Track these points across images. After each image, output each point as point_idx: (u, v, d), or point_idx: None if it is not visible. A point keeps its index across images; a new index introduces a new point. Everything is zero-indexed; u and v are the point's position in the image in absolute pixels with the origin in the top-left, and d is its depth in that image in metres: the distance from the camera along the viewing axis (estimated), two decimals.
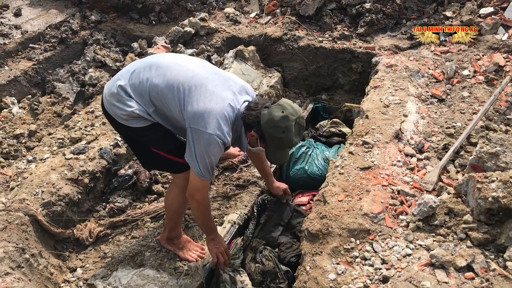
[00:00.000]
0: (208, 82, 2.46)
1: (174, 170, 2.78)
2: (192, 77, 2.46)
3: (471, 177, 2.42)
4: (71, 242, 3.12)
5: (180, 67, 2.51)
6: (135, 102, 2.48)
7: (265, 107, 2.49)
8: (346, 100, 4.72)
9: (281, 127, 2.41)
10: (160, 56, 2.71)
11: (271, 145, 2.53)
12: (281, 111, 2.43)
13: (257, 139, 2.54)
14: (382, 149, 3.08)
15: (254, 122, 2.48)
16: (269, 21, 5.24)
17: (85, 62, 5.12)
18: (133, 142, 2.73)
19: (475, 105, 3.46)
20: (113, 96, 2.52)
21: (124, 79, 2.52)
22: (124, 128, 2.59)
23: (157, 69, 2.50)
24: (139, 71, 2.53)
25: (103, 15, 5.90)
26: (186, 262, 2.92)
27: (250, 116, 2.49)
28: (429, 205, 2.45)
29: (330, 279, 2.32)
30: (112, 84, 2.56)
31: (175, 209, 2.88)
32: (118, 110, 2.51)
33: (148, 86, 2.47)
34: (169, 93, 2.43)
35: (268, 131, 2.45)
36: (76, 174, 3.24)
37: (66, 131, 3.73)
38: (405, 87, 3.78)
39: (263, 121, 2.44)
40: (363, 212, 2.58)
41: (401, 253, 2.34)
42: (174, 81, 2.44)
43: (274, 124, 2.42)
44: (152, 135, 2.58)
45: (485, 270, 2.17)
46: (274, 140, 2.48)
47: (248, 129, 2.53)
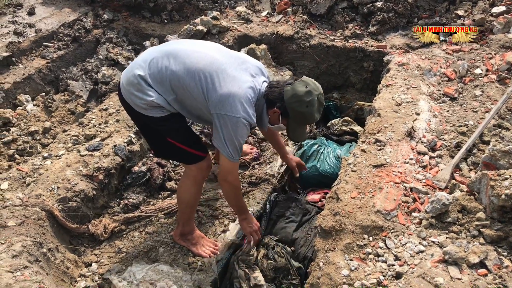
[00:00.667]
0: (227, 67, 2.53)
1: (187, 161, 2.82)
2: (211, 63, 2.52)
3: (484, 174, 2.44)
4: (86, 238, 3.16)
5: (198, 54, 2.55)
6: (154, 91, 2.53)
7: (287, 83, 2.58)
8: (358, 98, 4.73)
9: (305, 101, 2.50)
10: (177, 43, 2.73)
11: (292, 121, 2.61)
12: (305, 86, 2.54)
13: (279, 116, 2.62)
14: (394, 147, 3.09)
15: (277, 98, 2.56)
16: (280, 19, 5.26)
17: (98, 60, 5.17)
18: (150, 130, 2.76)
19: (487, 103, 3.46)
20: (132, 85, 2.55)
21: (143, 68, 2.56)
22: (142, 117, 2.63)
23: (175, 58, 2.54)
24: (157, 60, 2.56)
25: (116, 13, 5.96)
26: (200, 257, 2.96)
27: (274, 92, 2.58)
28: (442, 202, 2.46)
29: (344, 275, 2.34)
30: (130, 73, 2.59)
31: (188, 201, 2.91)
32: (137, 99, 2.55)
33: (169, 74, 2.51)
34: (191, 81, 2.49)
35: (291, 106, 2.53)
36: (91, 170, 3.29)
37: (81, 128, 3.78)
38: (417, 86, 3.79)
39: (287, 97, 2.53)
40: (376, 209, 2.60)
41: (414, 250, 2.36)
42: (194, 68, 2.49)
43: (298, 98, 2.50)
44: (170, 125, 2.64)
45: (498, 266, 2.18)
46: (297, 115, 2.56)
47: (271, 106, 2.61)
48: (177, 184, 3.56)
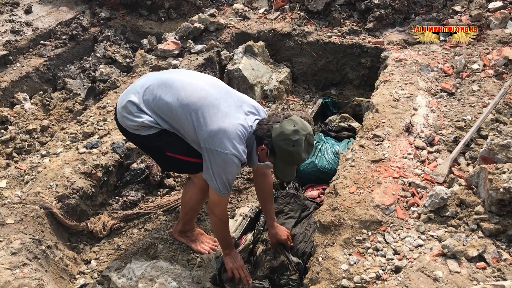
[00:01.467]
0: (221, 103, 2.52)
1: (192, 171, 2.82)
2: (205, 97, 2.52)
3: (482, 168, 2.44)
4: (85, 235, 3.16)
5: (193, 87, 2.56)
6: (147, 115, 2.56)
7: (276, 122, 2.52)
8: (355, 94, 4.74)
9: (292, 140, 2.44)
10: (174, 73, 2.75)
11: (280, 159, 2.54)
12: (293, 125, 2.47)
13: (266, 153, 2.56)
14: (392, 142, 3.10)
15: (265, 135, 2.51)
16: (278, 16, 5.26)
17: (96, 59, 5.16)
18: (148, 148, 2.78)
19: (484, 98, 3.47)
20: (124, 108, 2.59)
21: (138, 94, 2.59)
22: (136, 137, 2.66)
23: (170, 88, 2.55)
24: (153, 87, 2.58)
25: (113, 12, 5.95)
26: (199, 254, 2.96)
27: (262, 129, 2.53)
28: (440, 197, 2.47)
29: (343, 270, 2.34)
30: (125, 98, 2.62)
31: (192, 206, 2.94)
32: (128, 121, 2.58)
33: (162, 104, 2.54)
34: (183, 114, 2.50)
35: (278, 144, 2.47)
36: (89, 168, 3.28)
37: (79, 126, 3.77)
38: (414, 81, 3.79)
39: (275, 134, 2.47)
40: (374, 203, 2.60)
41: (413, 244, 2.37)
42: (187, 101, 2.50)
43: (284, 137, 2.45)
44: (165, 139, 2.63)
45: (497, 260, 2.19)
46: (284, 153, 2.49)
47: (259, 143, 2.56)
48: (175, 181, 3.57)
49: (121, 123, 2.66)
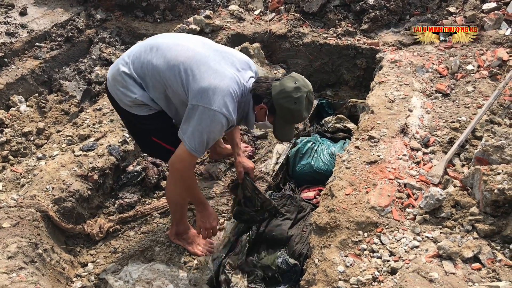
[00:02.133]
0: (210, 60, 2.44)
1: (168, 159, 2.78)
2: (192, 56, 2.44)
3: (477, 169, 2.46)
4: (81, 238, 3.16)
5: (180, 47, 2.49)
6: (139, 88, 2.51)
7: (276, 79, 2.49)
8: (351, 96, 4.75)
9: (293, 97, 2.40)
10: (161, 37, 2.68)
11: (280, 118, 2.50)
12: (294, 82, 2.43)
13: (265, 112, 2.51)
14: (388, 143, 3.11)
15: (264, 93, 2.46)
16: (273, 18, 5.27)
17: (91, 60, 5.16)
18: (134, 128, 2.76)
19: (479, 99, 3.49)
20: (117, 82, 2.55)
21: (127, 65, 2.54)
22: (127, 114, 2.62)
23: (157, 51, 2.50)
24: (139, 54, 2.54)
25: (108, 13, 5.94)
26: (196, 256, 2.96)
27: (261, 87, 2.48)
28: (435, 198, 2.48)
29: (339, 271, 2.35)
30: (115, 69, 2.58)
31: (176, 201, 2.86)
32: (122, 95, 2.54)
33: (150, 69, 2.47)
34: (171, 74, 2.42)
35: (279, 102, 2.42)
36: (85, 170, 3.28)
37: (75, 129, 3.77)
38: (409, 82, 3.81)
39: (275, 92, 2.42)
40: (370, 205, 2.61)
41: (408, 245, 2.38)
42: (174, 61, 2.43)
43: (286, 94, 2.40)
44: (154, 124, 2.60)
45: (492, 261, 2.21)
46: (285, 111, 2.45)
47: (257, 102, 2.50)
48: None
49: (114, 96, 2.61)
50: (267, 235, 3.25)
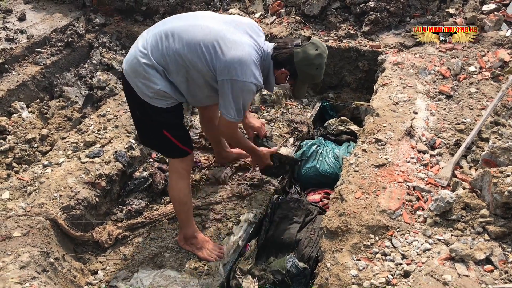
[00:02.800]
0: (226, 33, 2.55)
1: (173, 155, 2.85)
2: (209, 33, 2.53)
3: (486, 172, 2.48)
4: (90, 245, 3.15)
5: (194, 28, 2.56)
6: (161, 78, 2.56)
7: (296, 45, 2.64)
8: (353, 98, 4.77)
9: (316, 64, 2.62)
10: (170, 22, 2.69)
11: (301, 81, 2.74)
12: (315, 49, 2.61)
13: (286, 76, 2.70)
14: (395, 146, 3.14)
15: (286, 60, 2.64)
16: (274, 21, 5.28)
17: (92, 65, 5.15)
18: (147, 119, 2.74)
19: (483, 100, 3.52)
20: (138, 74, 2.57)
21: (146, 55, 2.56)
22: (143, 105, 2.63)
23: (173, 36, 2.55)
24: (156, 43, 2.57)
25: (107, 18, 5.93)
26: (206, 262, 2.97)
27: (283, 54, 2.65)
28: (446, 200, 2.51)
29: (352, 275, 2.37)
30: (134, 62, 2.58)
31: (179, 198, 2.90)
32: (144, 87, 2.57)
33: (171, 54, 2.53)
34: (194, 55, 2.51)
35: (302, 69, 2.63)
36: (93, 177, 3.28)
37: (80, 135, 3.76)
38: (413, 85, 3.84)
39: (298, 59, 2.60)
40: (380, 208, 2.63)
41: (420, 248, 2.40)
42: (194, 42, 2.51)
43: (309, 62, 2.60)
44: (169, 118, 2.69)
45: (504, 262, 2.24)
46: (307, 77, 2.69)
47: (278, 67, 2.68)
48: None
49: (134, 88, 2.62)
50: (276, 239, 3.27)
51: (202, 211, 3.31)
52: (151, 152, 3.86)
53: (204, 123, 3.46)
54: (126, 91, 2.77)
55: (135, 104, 2.78)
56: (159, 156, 3.79)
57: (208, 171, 3.67)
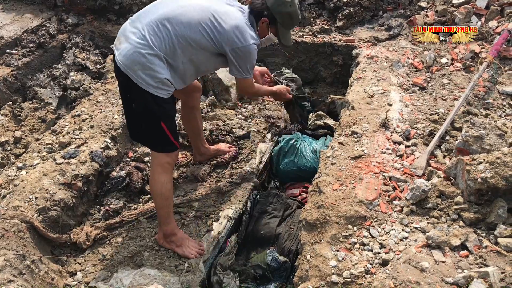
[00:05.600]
0: (215, 7, 2.73)
1: (162, 148, 2.86)
2: (201, 11, 2.69)
3: (459, 160, 2.53)
4: (68, 247, 3.10)
5: (187, 8, 2.69)
6: (164, 67, 2.63)
7: None
8: (329, 92, 4.81)
9: (287, 1, 2.81)
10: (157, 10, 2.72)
11: (281, 25, 2.91)
12: None
13: (267, 25, 2.89)
14: (370, 138, 3.17)
15: (261, 8, 2.84)
16: None
17: (65, 66, 5.06)
18: (146, 111, 2.72)
19: (455, 91, 3.59)
20: (141, 64, 2.57)
21: (148, 46, 2.58)
22: (148, 96, 2.63)
23: (170, 22, 2.64)
24: (154, 32, 2.61)
25: (80, 17, 5.83)
26: (186, 259, 2.95)
27: (256, 4, 2.85)
28: (421, 189, 2.55)
29: (332, 266, 2.39)
30: (135, 53, 2.57)
31: (161, 192, 2.88)
32: (148, 77, 2.59)
33: (174, 39, 2.63)
34: (197, 34, 2.66)
35: (277, 10, 2.82)
36: (69, 178, 3.23)
37: (54, 136, 3.70)
38: (387, 77, 3.89)
39: (270, 3, 2.82)
40: (358, 199, 2.66)
41: (398, 237, 2.44)
42: (193, 22, 2.65)
43: (280, 1, 2.80)
44: (169, 110, 2.79)
45: (478, 247, 2.29)
46: (285, 17, 2.86)
47: (258, 18, 2.87)
48: None
49: (135, 80, 2.60)
50: (256, 234, 3.27)
51: (181, 209, 3.30)
52: (127, 151, 3.82)
53: (186, 113, 3.45)
54: (123, 86, 2.77)
55: (133, 97, 2.75)
56: (136, 155, 3.75)
57: (186, 168, 3.65)
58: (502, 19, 4.20)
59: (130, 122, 2.95)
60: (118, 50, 2.67)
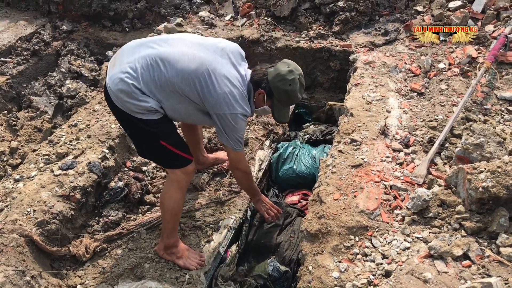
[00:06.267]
0: (216, 66, 2.61)
1: (174, 165, 2.80)
2: (201, 64, 2.58)
3: (460, 169, 2.53)
4: (67, 260, 3.07)
5: (187, 57, 2.59)
6: (149, 98, 2.57)
7: (270, 66, 2.80)
8: (326, 98, 4.81)
9: (288, 79, 2.68)
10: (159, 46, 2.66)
11: (277, 101, 2.78)
12: (287, 66, 2.73)
13: (264, 97, 2.77)
14: (370, 145, 3.17)
15: (261, 79, 2.74)
16: (245, 23, 5.27)
17: (61, 74, 5.04)
18: (142, 133, 2.70)
19: (453, 97, 3.59)
20: (126, 93, 2.53)
21: (135, 78, 2.52)
22: (136, 120, 2.61)
23: (165, 64, 2.55)
24: (147, 67, 2.55)
25: (75, 24, 5.81)
26: (187, 270, 2.94)
27: (258, 74, 2.76)
28: (422, 199, 2.55)
29: (334, 277, 2.38)
30: (122, 82, 2.53)
31: (172, 208, 2.86)
32: (132, 106, 2.55)
33: (163, 82, 2.55)
34: (186, 86, 2.57)
35: (276, 85, 2.70)
36: (67, 190, 3.20)
37: (51, 147, 3.67)
38: (385, 83, 3.89)
39: (271, 76, 2.71)
40: (359, 209, 2.65)
41: (400, 247, 2.43)
42: (187, 72, 2.56)
43: (281, 77, 2.68)
44: (163, 127, 2.70)
45: (481, 257, 2.28)
46: (281, 94, 2.72)
47: (256, 88, 2.76)
48: (155, 197, 3.52)
49: (120, 107, 2.60)
50: (256, 244, 3.27)
51: (181, 219, 3.27)
52: (125, 161, 3.80)
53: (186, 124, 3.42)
54: (113, 110, 2.73)
55: (124, 121, 2.75)
56: (134, 165, 3.73)
57: None
58: (499, 24, 4.22)
59: (134, 143, 2.98)
60: (109, 73, 2.64)
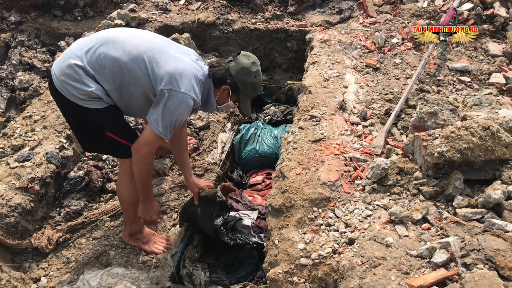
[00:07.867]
0: (169, 49, 2.54)
1: (123, 155, 2.71)
2: (152, 47, 2.50)
3: (416, 136, 2.61)
4: (29, 253, 3.00)
5: (138, 39, 2.52)
6: (93, 81, 2.44)
7: (229, 60, 2.66)
8: (285, 78, 4.84)
9: (253, 72, 2.62)
10: (113, 31, 2.62)
11: (243, 95, 2.70)
12: (248, 59, 2.64)
13: (228, 93, 2.67)
14: (329, 121, 3.21)
15: (225, 75, 2.62)
16: (199, 6, 5.21)
17: (12, 66, 4.85)
18: (85, 123, 2.59)
19: (407, 70, 3.69)
20: (68, 76, 2.43)
21: (79, 58, 2.44)
22: (78, 109, 2.49)
23: (114, 44, 2.47)
24: (94, 48, 2.46)
25: (23, 15, 5.58)
26: (154, 255, 2.92)
27: (220, 70, 2.64)
28: (381, 167, 2.61)
29: (300, 249, 2.42)
30: (65, 64, 2.45)
31: (129, 198, 2.83)
32: (74, 90, 2.44)
33: (109, 61, 2.43)
34: (134, 64, 2.44)
35: (241, 79, 2.61)
36: (25, 182, 3.11)
37: (6, 140, 3.55)
38: (341, 60, 3.94)
39: (235, 71, 2.60)
40: (321, 181, 2.70)
41: (361, 215, 2.49)
42: (136, 52, 2.45)
43: (246, 71, 2.60)
44: (109, 118, 2.57)
45: (439, 219, 2.36)
46: (248, 87, 2.65)
47: (219, 85, 2.65)
48: None
49: (63, 92, 2.48)
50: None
51: None
52: None
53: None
54: (56, 97, 2.61)
55: (67, 109, 2.63)
56: (93, 154, 3.65)
57: None
58: None
59: (77, 135, 2.83)
60: (55, 61, 2.56)
